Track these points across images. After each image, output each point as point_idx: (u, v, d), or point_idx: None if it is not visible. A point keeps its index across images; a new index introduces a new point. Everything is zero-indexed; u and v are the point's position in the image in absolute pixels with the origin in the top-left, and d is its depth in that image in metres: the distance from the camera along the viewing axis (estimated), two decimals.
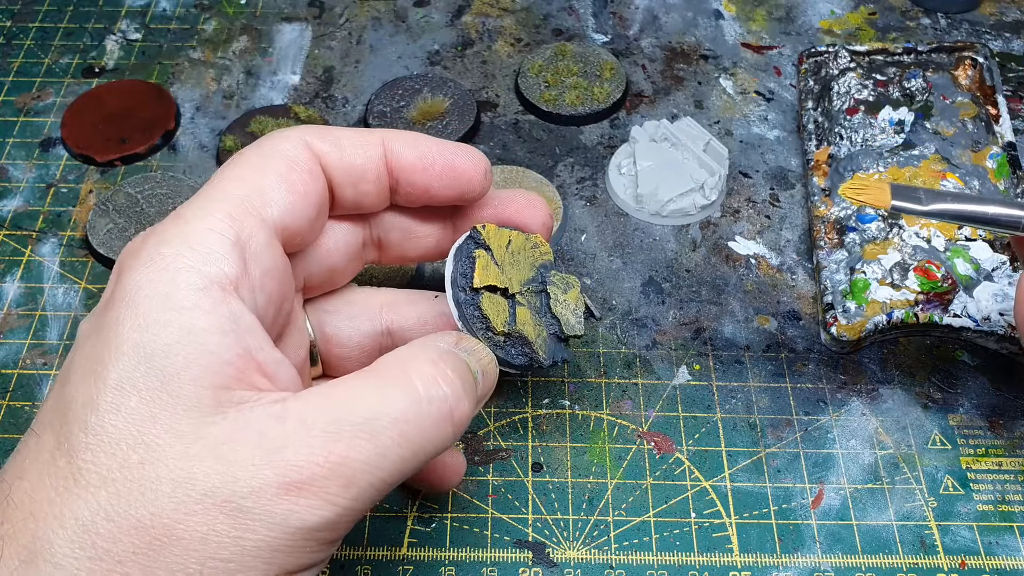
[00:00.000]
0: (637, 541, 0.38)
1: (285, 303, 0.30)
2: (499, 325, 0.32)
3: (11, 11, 0.60)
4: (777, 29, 0.59)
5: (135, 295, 0.26)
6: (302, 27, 0.59)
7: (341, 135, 0.31)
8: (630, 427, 0.41)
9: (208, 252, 0.26)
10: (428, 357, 0.27)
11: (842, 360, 0.43)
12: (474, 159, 0.32)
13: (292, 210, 0.29)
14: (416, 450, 0.26)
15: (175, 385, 0.24)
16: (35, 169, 0.52)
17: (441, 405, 0.26)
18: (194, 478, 0.24)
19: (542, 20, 0.59)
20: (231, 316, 0.26)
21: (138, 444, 0.24)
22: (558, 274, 0.34)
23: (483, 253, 0.32)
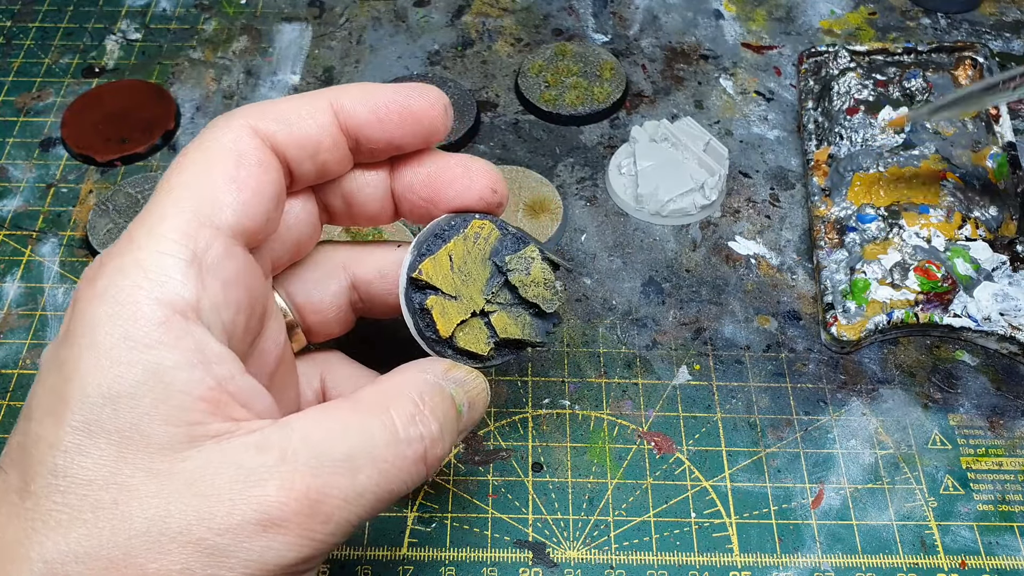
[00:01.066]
0: (637, 541, 0.38)
1: (257, 305, 0.29)
2: (484, 350, 0.31)
3: (11, 11, 0.60)
4: (777, 29, 0.59)
5: (94, 332, 0.25)
6: (302, 27, 0.59)
7: (286, 108, 0.29)
8: (630, 427, 0.41)
9: (164, 279, 0.25)
10: (410, 396, 0.27)
11: (842, 360, 0.43)
12: (430, 98, 0.30)
13: (247, 210, 0.27)
14: (392, 488, 0.26)
15: (145, 426, 0.24)
16: (35, 169, 0.52)
17: (417, 446, 0.26)
18: (168, 515, 0.23)
19: (542, 20, 0.59)
20: (196, 347, 0.25)
21: (110, 485, 0.23)
22: (512, 257, 0.31)
23: (434, 300, 0.30)
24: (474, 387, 0.30)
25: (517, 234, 0.32)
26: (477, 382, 0.30)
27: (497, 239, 0.32)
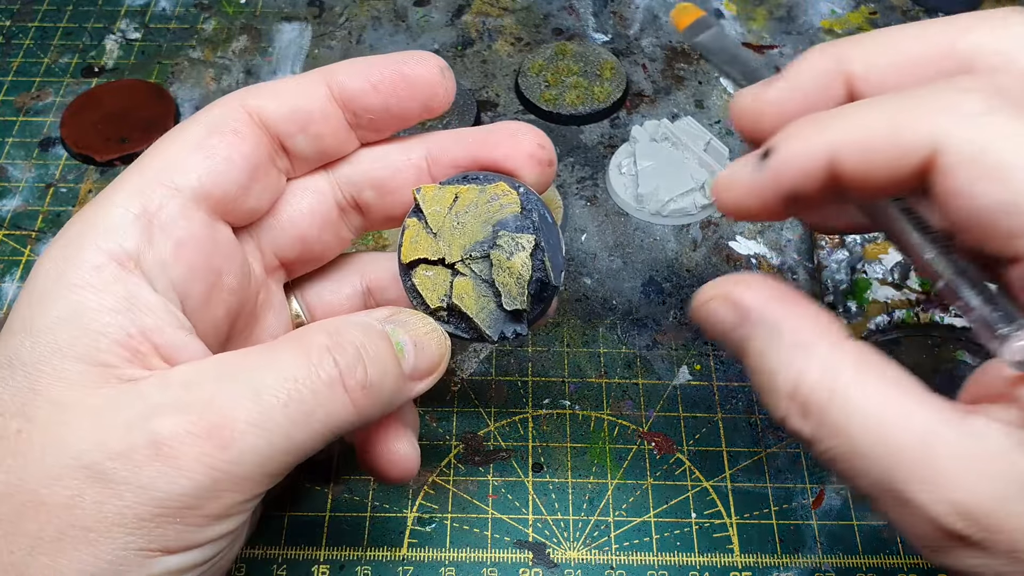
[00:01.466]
0: (637, 541, 0.38)
1: (225, 277, 0.29)
2: (433, 300, 0.30)
3: (10, 11, 0.60)
4: (778, 29, 0.59)
5: (35, 273, 0.26)
6: (302, 26, 0.59)
7: (278, 85, 0.29)
8: (630, 427, 0.41)
9: (109, 227, 0.26)
10: (327, 328, 0.26)
11: None
12: (425, 61, 0.29)
13: (213, 175, 0.27)
14: (307, 412, 0.24)
15: (58, 361, 0.24)
16: (34, 169, 0.52)
17: (330, 369, 0.25)
18: (65, 442, 0.23)
19: (542, 19, 0.59)
20: (126, 294, 0.25)
21: (18, 415, 0.24)
22: (507, 235, 0.29)
23: (413, 223, 0.30)
24: (420, 327, 0.29)
25: (537, 222, 0.29)
26: (423, 324, 0.29)
27: (514, 213, 0.29)
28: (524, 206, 0.29)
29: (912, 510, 0.24)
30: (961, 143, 0.22)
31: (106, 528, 0.23)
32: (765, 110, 0.28)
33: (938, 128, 0.23)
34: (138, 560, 0.23)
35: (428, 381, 0.29)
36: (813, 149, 0.25)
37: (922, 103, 0.23)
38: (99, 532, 0.23)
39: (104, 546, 0.23)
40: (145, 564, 0.23)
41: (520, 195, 0.29)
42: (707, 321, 0.28)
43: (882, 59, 0.27)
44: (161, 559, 0.23)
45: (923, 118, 0.23)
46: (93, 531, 0.22)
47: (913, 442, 0.24)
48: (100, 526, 0.23)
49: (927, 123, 0.23)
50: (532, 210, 0.29)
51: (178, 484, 0.23)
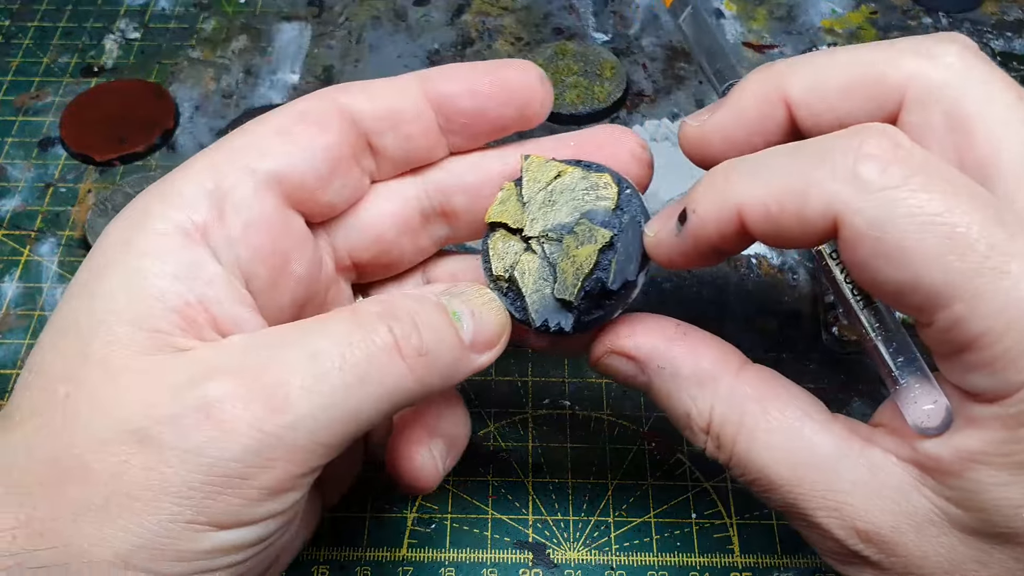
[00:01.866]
0: (638, 542, 0.38)
1: (295, 267, 0.28)
2: (498, 268, 0.29)
3: (10, 10, 0.60)
4: (778, 28, 0.59)
5: (100, 241, 0.26)
6: (301, 26, 0.59)
7: (373, 84, 0.29)
8: (630, 427, 0.41)
9: (179, 199, 0.26)
10: (380, 299, 0.26)
11: (844, 360, 0.43)
12: (525, 69, 0.29)
13: (291, 161, 0.27)
14: (362, 377, 0.24)
15: (113, 324, 0.24)
16: (34, 169, 0.52)
17: (385, 335, 0.24)
18: (113, 407, 0.23)
19: (542, 19, 0.59)
20: (189, 263, 0.25)
21: (68, 379, 0.23)
22: (587, 224, 0.28)
23: (510, 187, 0.29)
24: (476, 298, 0.28)
25: (625, 224, 0.28)
26: (481, 295, 0.28)
27: (606, 208, 0.29)
28: (620, 204, 0.29)
29: (819, 531, 0.26)
30: (860, 221, 0.22)
31: (153, 496, 0.22)
32: (710, 137, 0.29)
33: (838, 200, 0.23)
34: (187, 533, 0.22)
35: (491, 353, 0.28)
36: (723, 212, 0.25)
37: (824, 167, 0.23)
38: (146, 501, 0.22)
39: (151, 516, 0.22)
40: (194, 538, 0.22)
41: (621, 192, 0.29)
42: (608, 374, 0.29)
43: (817, 85, 0.27)
44: (211, 534, 0.22)
45: (824, 186, 0.23)
46: (140, 499, 0.22)
47: (816, 473, 0.25)
48: (147, 494, 0.22)
49: (827, 193, 0.23)
50: (626, 211, 0.29)
51: (228, 449, 0.22)
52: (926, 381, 0.25)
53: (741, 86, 0.28)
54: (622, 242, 0.28)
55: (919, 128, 0.26)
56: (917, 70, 0.26)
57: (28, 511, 0.22)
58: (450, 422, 0.31)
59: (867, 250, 0.22)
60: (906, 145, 0.23)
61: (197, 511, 0.22)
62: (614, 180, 0.29)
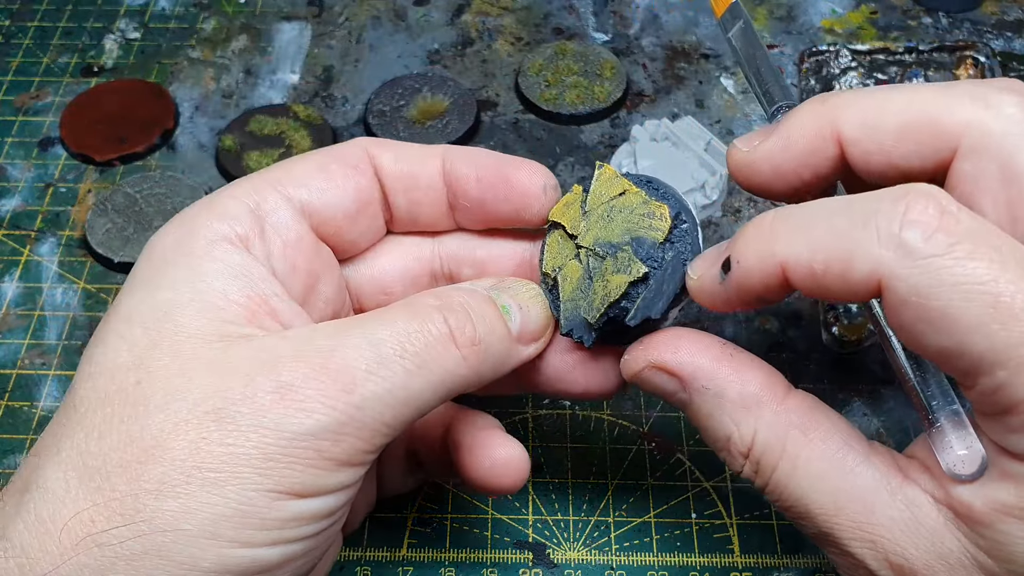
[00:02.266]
0: (638, 542, 0.38)
1: (323, 288, 0.30)
2: (549, 265, 0.30)
3: (10, 10, 0.60)
4: (778, 28, 0.59)
5: (152, 246, 0.27)
6: (301, 26, 0.59)
7: (402, 145, 0.31)
8: (631, 427, 0.41)
9: (224, 213, 0.27)
10: (435, 292, 0.28)
11: (844, 360, 0.43)
12: (533, 172, 0.31)
13: (324, 195, 0.29)
14: (421, 364, 0.25)
15: (179, 315, 0.25)
16: (34, 169, 0.52)
17: (440, 325, 0.26)
18: (187, 390, 0.24)
19: (542, 19, 0.59)
20: (242, 265, 0.27)
21: (138, 367, 0.24)
22: (630, 253, 0.28)
23: (578, 190, 0.30)
24: (523, 293, 0.30)
25: (667, 261, 0.29)
26: (527, 289, 0.30)
27: (655, 240, 0.29)
28: (670, 238, 0.29)
29: (851, 559, 0.26)
30: (904, 287, 0.22)
31: (233, 468, 0.23)
32: (758, 165, 0.29)
33: (882, 266, 0.23)
34: (267, 501, 0.23)
35: (536, 345, 0.30)
36: (767, 266, 0.25)
37: (869, 231, 0.23)
38: (227, 472, 0.23)
39: (233, 486, 0.23)
40: (276, 506, 0.23)
41: (675, 226, 0.29)
42: (644, 387, 0.29)
43: (871, 125, 0.27)
44: (290, 502, 0.24)
45: (869, 251, 0.23)
46: (221, 472, 0.23)
47: (855, 505, 0.26)
48: (227, 467, 0.23)
49: (872, 258, 0.23)
50: (675, 246, 0.29)
51: (304, 424, 0.23)
52: (962, 426, 0.25)
53: (794, 116, 0.28)
54: (656, 279, 0.28)
55: (972, 177, 0.26)
56: (974, 118, 0.26)
57: (106, 493, 0.23)
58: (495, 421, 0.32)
59: (911, 315, 0.23)
60: (952, 210, 0.23)
61: (277, 480, 0.23)
62: (671, 213, 0.29)
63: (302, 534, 0.24)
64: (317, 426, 0.23)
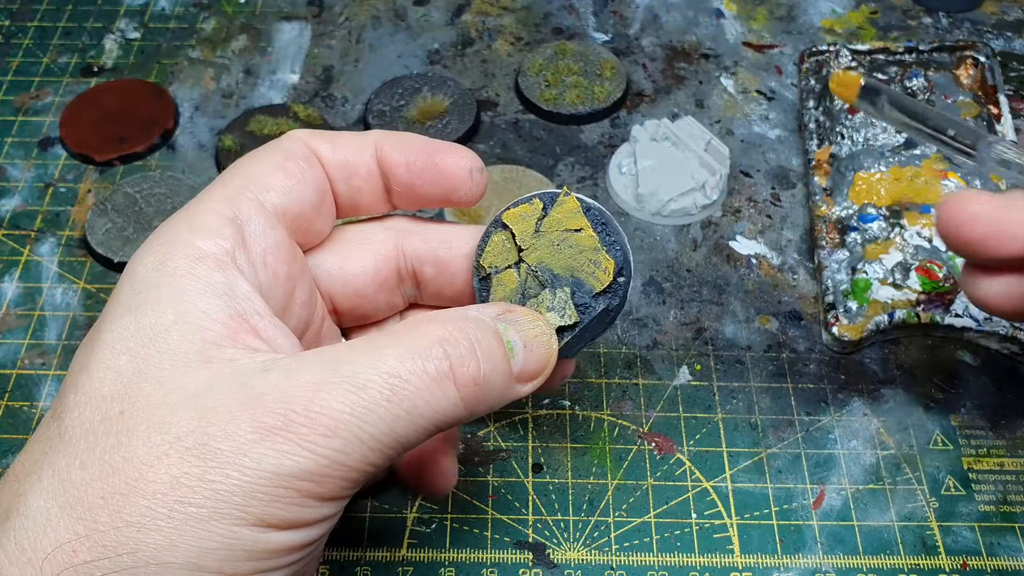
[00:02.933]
0: (638, 542, 0.38)
1: (299, 292, 0.30)
2: (486, 260, 0.30)
3: (9, 10, 0.60)
4: (778, 28, 0.59)
5: (135, 267, 0.27)
6: (301, 26, 0.59)
7: (337, 135, 0.31)
8: (631, 427, 0.41)
9: (205, 229, 0.27)
10: (440, 319, 0.26)
11: (843, 360, 0.43)
12: (460, 157, 0.31)
13: (291, 193, 0.29)
14: (410, 408, 0.24)
15: (162, 341, 0.25)
16: (33, 169, 0.52)
17: (439, 363, 0.25)
18: (169, 423, 0.24)
19: (542, 19, 0.59)
20: (225, 283, 0.26)
21: (122, 397, 0.24)
22: (566, 295, 0.30)
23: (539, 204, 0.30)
24: (530, 329, 0.28)
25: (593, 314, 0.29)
26: (536, 324, 0.29)
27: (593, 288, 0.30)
28: (606, 289, 0.30)
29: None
30: None
31: (215, 504, 0.23)
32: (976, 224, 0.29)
33: None
34: (251, 534, 0.23)
35: (533, 384, 0.29)
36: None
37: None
38: (209, 508, 0.23)
39: (216, 521, 0.23)
40: (259, 539, 0.23)
41: (613, 280, 0.30)
42: None
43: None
44: (274, 534, 0.24)
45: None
46: (204, 507, 0.23)
47: None
48: (210, 502, 0.23)
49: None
50: (606, 297, 0.30)
51: (285, 465, 0.23)
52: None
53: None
54: (582, 326, 0.30)
55: None
56: None
57: (88, 524, 0.23)
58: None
59: None
60: None
61: (259, 516, 0.23)
62: (615, 269, 0.30)
63: (286, 562, 0.24)
64: (298, 468, 0.23)
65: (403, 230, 0.32)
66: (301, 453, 0.23)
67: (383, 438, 0.24)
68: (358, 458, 0.24)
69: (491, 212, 0.48)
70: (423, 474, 0.31)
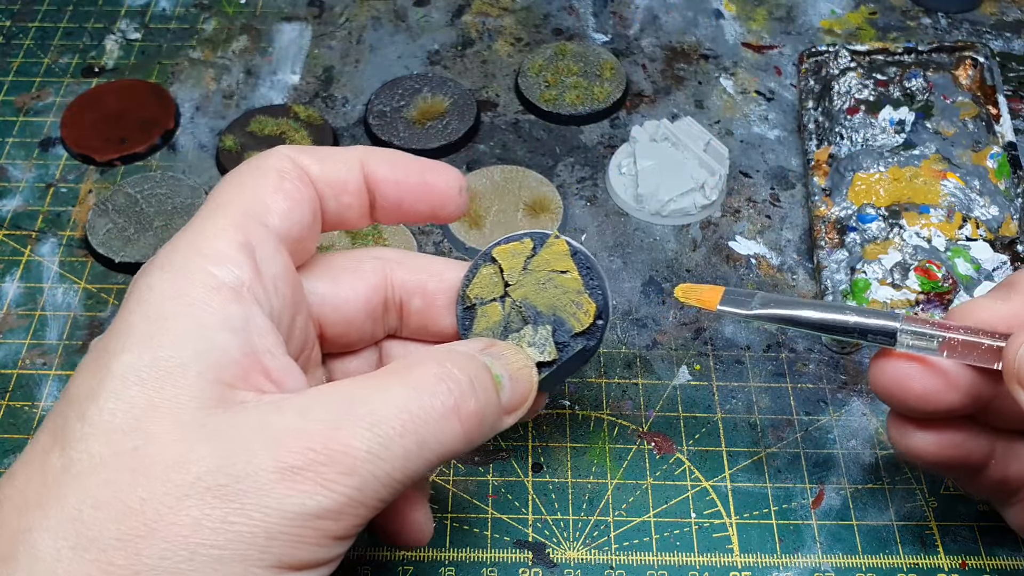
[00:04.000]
0: (637, 541, 0.38)
1: (299, 314, 0.30)
2: (472, 290, 0.31)
3: (11, 11, 0.60)
4: (777, 29, 0.59)
5: (147, 293, 0.26)
6: (302, 26, 0.59)
7: (321, 151, 0.31)
8: (630, 427, 0.41)
9: (219, 256, 0.26)
10: (436, 358, 0.27)
11: (843, 360, 0.43)
12: (448, 176, 0.32)
13: (291, 216, 0.29)
14: (420, 443, 0.25)
15: (180, 376, 0.24)
16: (35, 169, 0.52)
17: (445, 399, 0.26)
18: (188, 462, 0.23)
19: (542, 19, 0.59)
20: (242, 316, 0.26)
21: (135, 431, 0.23)
22: (547, 333, 0.31)
23: (529, 244, 0.32)
24: (515, 362, 0.29)
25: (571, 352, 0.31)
26: (518, 358, 0.30)
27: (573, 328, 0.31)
28: (585, 331, 0.31)
29: None
30: None
31: (236, 547, 0.23)
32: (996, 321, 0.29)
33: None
34: (270, 574, 0.23)
35: (516, 415, 0.29)
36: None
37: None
38: (231, 550, 0.23)
39: (236, 564, 0.23)
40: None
41: (593, 323, 0.31)
42: None
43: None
44: (291, 574, 0.24)
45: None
46: (225, 549, 0.23)
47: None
48: (231, 544, 0.23)
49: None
50: (584, 338, 0.31)
51: (307, 506, 0.23)
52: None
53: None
54: (559, 363, 0.31)
55: None
56: None
57: (103, 567, 0.22)
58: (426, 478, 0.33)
59: None
60: None
61: (279, 555, 0.23)
62: (596, 312, 0.31)
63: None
64: (319, 508, 0.23)
65: (391, 260, 0.33)
66: (322, 492, 0.23)
67: (395, 474, 0.25)
68: (371, 495, 0.24)
69: (490, 214, 0.48)
70: (399, 527, 0.31)
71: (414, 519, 0.31)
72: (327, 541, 0.24)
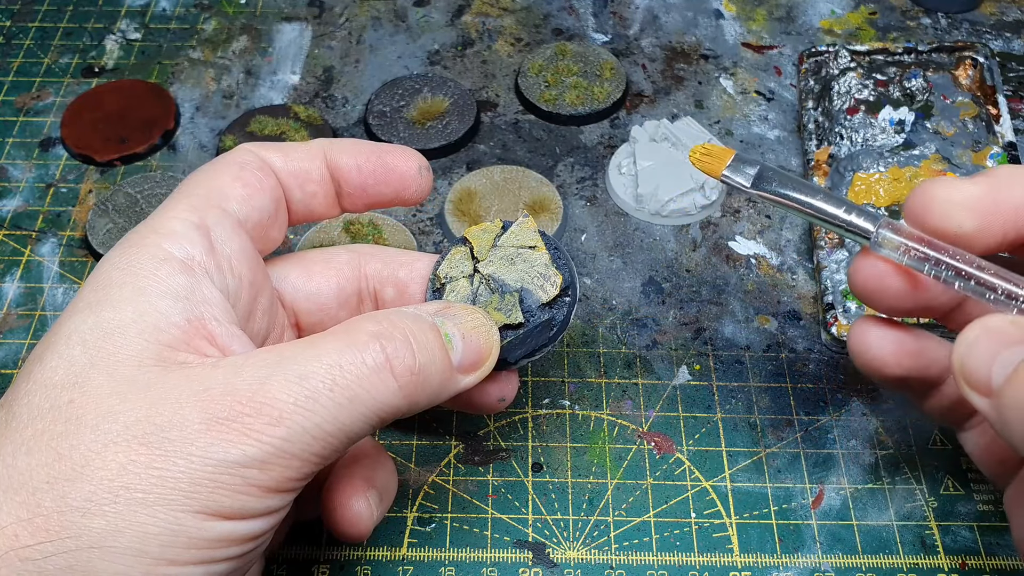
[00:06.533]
0: (637, 541, 0.38)
1: (262, 298, 0.31)
2: (442, 270, 0.33)
3: (11, 11, 0.60)
4: (777, 29, 0.59)
5: (100, 267, 0.27)
6: (302, 27, 0.59)
7: (286, 146, 0.33)
8: (630, 427, 0.41)
9: (173, 233, 0.28)
10: (375, 317, 0.28)
11: (843, 360, 0.43)
12: (406, 157, 0.33)
13: (250, 201, 0.30)
14: (352, 397, 0.25)
15: (119, 337, 0.25)
16: (35, 169, 0.52)
17: (376, 355, 0.26)
18: (118, 412, 0.24)
19: (542, 20, 0.59)
20: (188, 286, 0.27)
21: (73, 386, 0.25)
22: (513, 301, 0.32)
23: (499, 223, 0.33)
24: (468, 321, 0.30)
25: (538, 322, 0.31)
26: (473, 318, 0.30)
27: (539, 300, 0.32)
28: (551, 303, 0.32)
29: None
30: None
31: (161, 491, 0.23)
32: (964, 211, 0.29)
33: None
34: (195, 522, 0.24)
35: (476, 375, 0.30)
36: None
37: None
38: (155, 495, 0.23)
39: (161, 507, 0.23)
40: (203, 527, 0.24)
41: (559, 296, 0.32)
42: None
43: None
44: (218, 524, 0.24)
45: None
46: (149, 493, 0.23)
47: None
48: (155, 488, 0.23)
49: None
50: (550, 310, 0.32)
51: (231, 453, 0.24)
52: None
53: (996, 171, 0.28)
54: (525, 331, 0.32)
55: None
56: None
57: (31, 508, 0.23)
58: (382, 474, 0.33)
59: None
60: None
61: (204, 503, 0.24)
62: (563, 284, 0.32)
63: (228, 555, 0.25)
64: (244, 456, 0.24)
65: (364, 253, 0.34)
66: (247, 442, 0.24)
67: (327, 427, 0.25)
68: (302, 447, 0.25)
69: (490, 214, 0.48)
70: (337, 516, 0.31)
71: (353, 508, 0.31)
72: (256, 491, 0.25)
